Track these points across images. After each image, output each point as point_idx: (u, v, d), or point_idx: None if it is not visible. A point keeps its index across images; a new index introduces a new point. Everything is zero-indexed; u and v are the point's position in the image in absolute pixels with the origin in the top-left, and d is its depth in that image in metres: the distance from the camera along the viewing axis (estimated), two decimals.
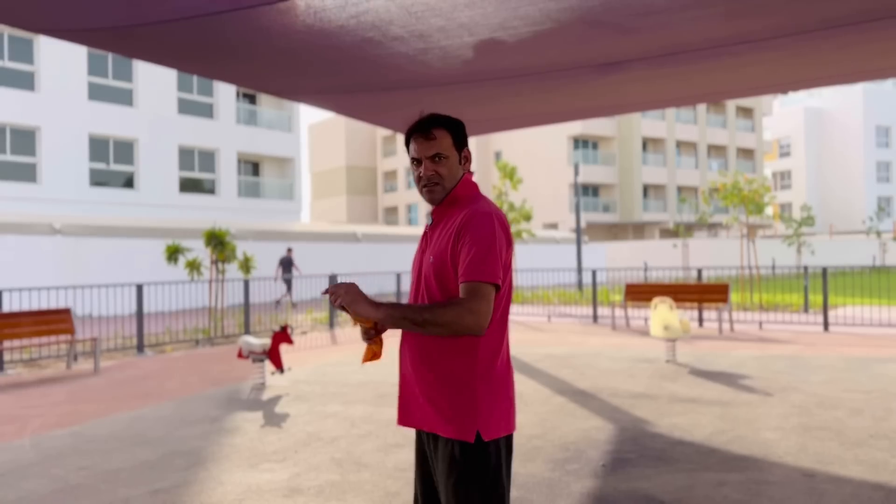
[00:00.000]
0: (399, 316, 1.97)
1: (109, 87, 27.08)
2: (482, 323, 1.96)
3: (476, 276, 1.98)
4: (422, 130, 2.18)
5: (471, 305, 1.95)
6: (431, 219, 2.25)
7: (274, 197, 33.41)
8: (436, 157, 2.16)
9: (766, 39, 6.31)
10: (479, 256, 1.99)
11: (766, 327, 12.62)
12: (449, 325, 1.96)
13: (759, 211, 18.16)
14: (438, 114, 2.23)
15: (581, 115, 10.29)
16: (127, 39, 6.21)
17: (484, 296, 1.97)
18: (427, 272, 2.14)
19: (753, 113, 55.56)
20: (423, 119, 2.21)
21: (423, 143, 2.17)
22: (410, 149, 2.22)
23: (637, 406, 6.40)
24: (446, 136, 2.18)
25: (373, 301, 1.99)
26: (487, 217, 2.05)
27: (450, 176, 2.18)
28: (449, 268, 2.06)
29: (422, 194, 2.21)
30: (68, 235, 18.40)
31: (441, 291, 2.08)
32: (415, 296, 2.20)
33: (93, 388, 8.07)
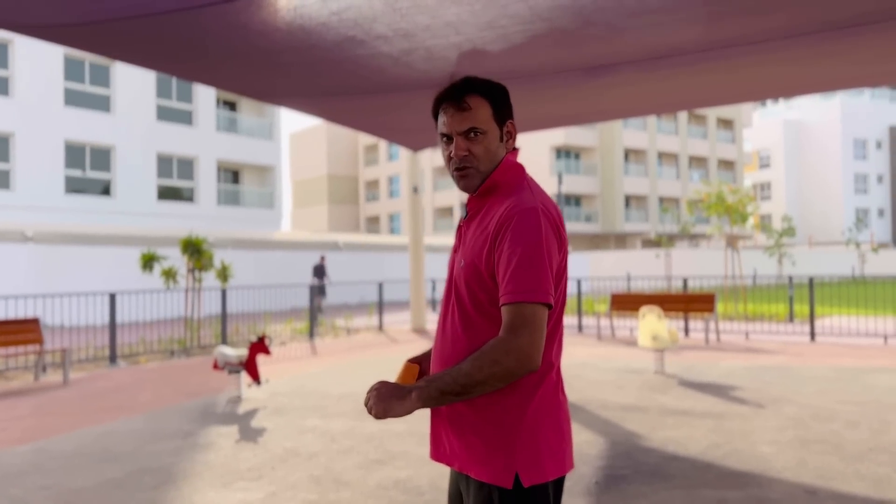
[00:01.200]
0: (436, 396, 1.59)
1: (86, 93, 26.63)
2: (533, 359, 1.58)
3: (520, 295, 1.58)
4: (453, 98, 1.76)
5: (512, 343, 1.57)
6: (466, 211, 1.84)
7: (254, 205, 33.03)
8: (470, 133, 1.74)
9: (758, 42, 6.17)
10: (522, 268, 1.59)
11: (752, 337, 12.49)
12: (493, 380, 1.58)
13: (744, 221, 18.13)
14: (476, 77, 1.79)
15: (570, 121, 10.13)
16: (96, 36, 5.94)
17: (530, 322, 1.57)
18: (458, 279, 1.75)
19: (734, 124, 56.00)
20: (456, 84, 1.78)
21: (454, 114, 1.75)
22: (439, 122, 1.80)
23: (628, 419, 6.19)
24: (484, 106, 1.75)
25: (402, 393, 1.62)
26: (532, 214, 1.64)
27: (487, 156, 1.76)
28: (485, 277, 1.67)
29: (453, 178, 1.81)
30: (41, 243, 17.95)
31: (474, 307, 1.70)
32: (445, 308, 1.80)
33: (61, 400, 7.73)
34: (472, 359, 1.60)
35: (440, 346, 1.79)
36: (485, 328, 1.69)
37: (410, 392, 1.61)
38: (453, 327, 1.75)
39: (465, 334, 1.72)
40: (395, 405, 1.61)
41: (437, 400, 1.60)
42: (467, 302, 1.72)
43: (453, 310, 1.76)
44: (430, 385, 1.60)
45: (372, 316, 18.29)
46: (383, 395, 1.63)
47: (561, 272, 1.72)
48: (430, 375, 1.65)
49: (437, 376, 1.62)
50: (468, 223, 1.82)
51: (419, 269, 14.85)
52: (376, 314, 16.68)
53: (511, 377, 1.59)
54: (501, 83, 1.83)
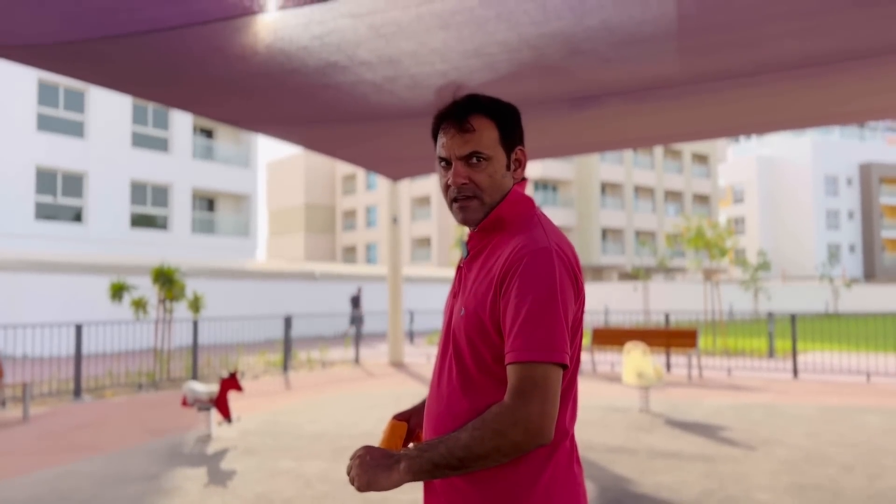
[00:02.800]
0: (428, 469, 1.35)
1: (59, 119, 26.18)
2: (544, 431, 1.33)
3: (531, 354, 1.34)
4: (455, 118, 1.53)
5: (519, 412, 1.32)
6: (466, 249, 1.58)
7: (229, 234, 32.58)
8: (472, 158, 1.51)
9: (750, 75, 6.08)
10: (533, 321, 1.35)
11: (734, 373, 12.34)
12: (496, 454, 1.34)
13: (723, 255, 18.15)
14: (482, 95, 1.57)
15: (551, 153, 10.02)
16: (68, 57, 5.69)
17: (542, 387, 1.33)
18: (457, 331, 1.49)
19: (708, 160, 56.72)
20: (460, 101, 1.55)
21: (455, 135, 1.52)
22: (438, 144, 1.56)
23: (616, 462, 5.94)
24: (490, 129, 1.52)
25: (389, 462, 1.38)
26: (544, 255, 1.41)
27: (491, 186, 1.52)
28: (489, 331, 1.43)
29: (451, 210, 1.57)
30: (5, 271, 17.41)
31: (476, 364, 1.45)
32: (441, 362, 1.54)
33: (19, 438, 7.31)
34: (472, 428, 1.35)
35: (435, 406, 1.53)
36: (488, 389, 1.43)
37: (399, 462, 1.37)
38: (451, 386, 1.49)
39: (464, 396, 1.46)
40: (380, 477, 1.37)
41: (430, 473, 1.36)
42: (468, 358, 1.47)
43: (451, 365, 1.50)
44: (422, 455, 1.36)
45: (348, 348, 17.92)
46: (367, 464, 1.38)
47: (577, 324, 1.47)
48: (422, 443, 1.40)
49: (430, 444, 1.37)
50: (469, 264, 1.57)
51: (397, 301, 14.57)
52: (353, 346, 16.31)
53: (517, 452, 1.35)
54: (512, 104, 1.62)
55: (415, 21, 4.73)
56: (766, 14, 4.96)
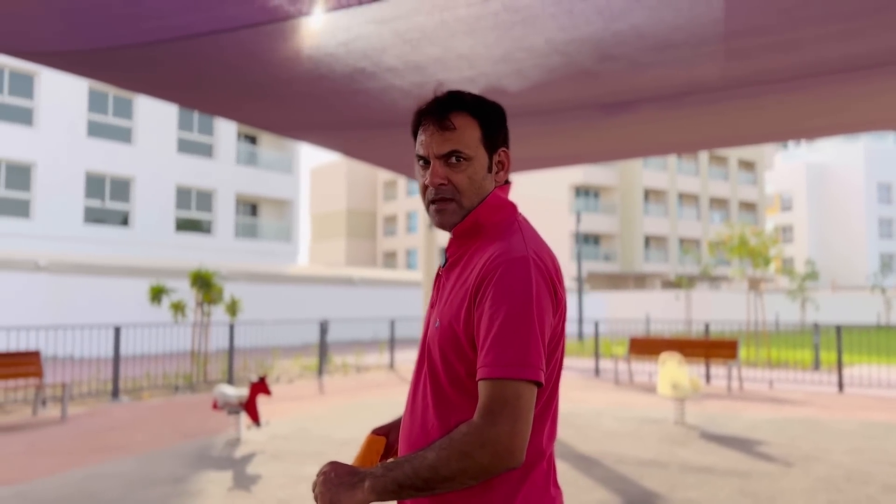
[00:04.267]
0: (392, 489, 1.27)
1: (109, 125, 26.86)
2: (514, 453, 1.25)
3: (502, 370, 1.26)
4: (434, 115, 1.45)
5: (487, 433, 1.24)
6: (445, 257, 1.51)
7: (271, 239, 32.99)
8: (452, 158, 1.43)
9: (787, 80, 5.89)
10: (506, 335, 1.27)
11: (776, 386, 12.00)
12: (463, 476, 1.26)
13: (767, 264, 17.69)
14: (465, 92, 1.49)
15: (587, 159, 9.87)
16: (104, 64, 5.79)
17: (512, 406, 1.25)
18: (432, 342, 1.41)
19: (755, 166, 55.59)
20: (441, 98, 1.47)
21: (434, 133, 1.43)
22: (416, 142, 1.48)
23: (646, 476, 5.80)
24: (472, 127, 1.44)
25: (353, 480, 1.30)
26: (521, 265, 1.32)
27: (471, 188, 1.44)
28: (463, 344, 1.35)
29: (427, 212, 1.49)
30: (54, 273, 17.87)
31: (449, 380, 1.37)
32: (417, 377, 1.47)
33: (55, 438, 7.46)
34: (439, 447, 1.28)
35: (409, 423, 1.46)
36: (462, 406, 1.36)
37: (364, 480, 1.29)
38: (424, 403, 1.42)
39: (437, 414, 1.39)
40: (343, 496, 1.29)
41: (395, 493, 1.28)
42: (441, 373, 1.39)
43: (425, 380, 1.43)
44: (387, 475, 1.28)
45: (383, 353, 17.96)
46: (332, 482, 1.32)
47: (556, 339, 1.38)
48: (389, 461, 1.34)
49: (396, 463, 1.30)
50: (447, 272, 1.49)
51: None
52: (387, 351, 16.33)
53: (485, 475, 1.27)
54: (497, 103, 1.55)
55: (439, 27, 4.69)
56: (804, 16, 4.80)
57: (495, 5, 4.37)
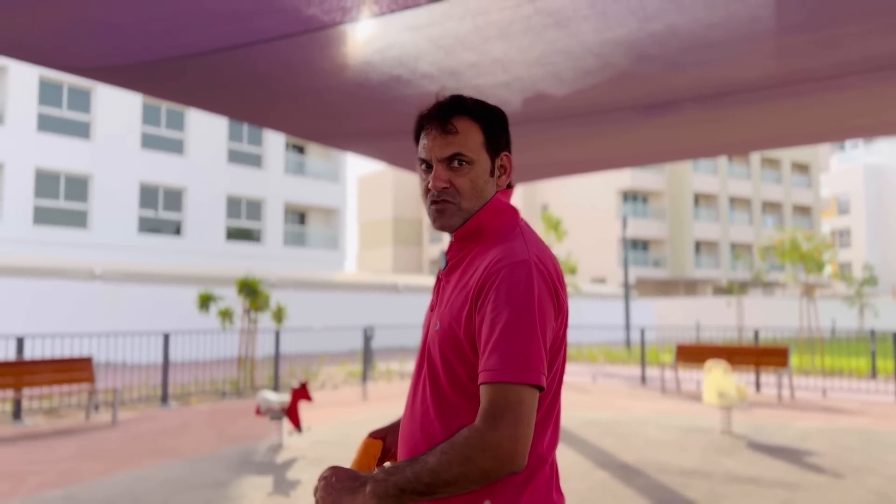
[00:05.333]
0: (394, 494, 1.26)
1: (162, 137, 27.57)
2: (516, 458, 1.24)
3: (504, 374, 1.25)
4: (437, 119, 1.47)
5: (489, 437, 1.23)
6: (445, 260, 1.51)
7: (319, 246, 33.40)
8: (454, 161, 1.44)
9: (831, 78, 5.72)
10: (508, 338, 1.27)
11: (830, 395, 11.63)
12: (464, 481, 1.25)
13: (820, 269, 17.18)
14: (468, 97, 1.51)
15: (629, 162, 9.74)
16: (146, 77, 5.94)
17: (515, 411, 1.24)
18: (432, 345, 1.42)
19: (810, 169, 54.12)
20: (443, 102, 1.49)
21: (437, 137, 1.45)
22: (419, 145, 1.50)
23: (689, 486, 5.67)
24: (474, 131, 1.46)
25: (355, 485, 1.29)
26: (522, 268, 1.33)
27: (472, 192, 1.45)
28: (464, 347, 1.35)
29: (429, 215, 1.49)
30: (108, 281, 18.39)
31: (450, 383, 1.37)
32: (416, 380, 1.47)
33: (105, 442, 7.65)
34: (440, 451, 1.27)
35: (408, 426, 1.46)
36: (463, 409, 1.36)
37: (365, 485, 1.29)
38: (424, 406, 1.42)
39: (438, 416, 1.39)
40: (344, 500, 1.29)
41: (396, 498, 1.27)
42: (441, 376, 1.39)
43: (425, 383, 1.43)
44: (388, 479, 1.28)
45: None
46: (333, 486, 1.32)
47: (558, 343, 1.38)
48: (391, 465, 1.33)
49: (398, 467, 1.30)
50: (448, 276, 1.49)
51: None
52: None
53: (486, 479, 1.26)
54: (499, 108, 1.54)
55: (472, 32, 4.69)
56: (846, 12, 4.66)
57: (527, 9, 4.35)
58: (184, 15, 4.60)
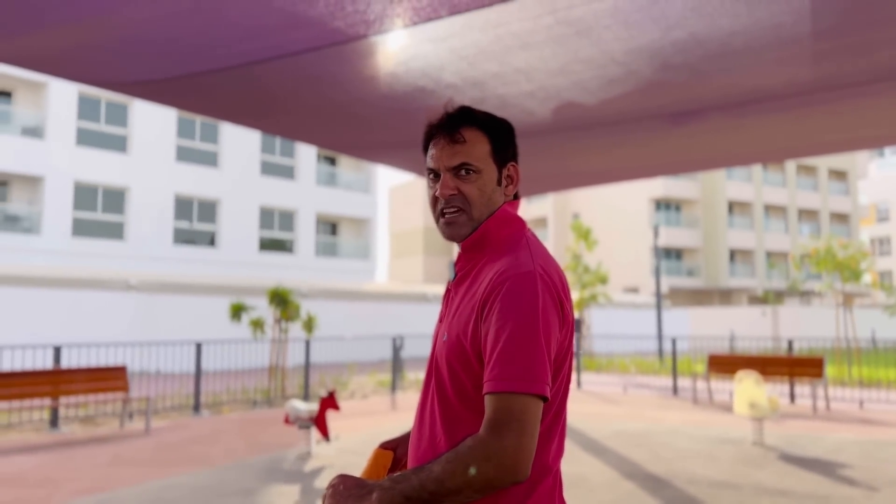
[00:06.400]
0: (399, 501, 1.27)
1: (196, 150, 28.04)
2: (519, 467, 1.26)
3: (508, 384, 1.28)
4: (445, 129, 1.50)
5: (493, 446, 1.25)
6: (454, 271, 1.55)
7: (350, 257, 33.62)
8: (462, 170, 1.46)
9: (862, 84, 5.64)
10: (512, 349, 1.29)
11: (867, 406, 11.38)
12: (468, 490, 1.26)
13: (856, 278, 16.82)
14: (475, 108, 1.54)
15: (658, 171, 9.68)
16: (178, 92, 6.07)
17: (519, 420, 1.26)
18: (440, 356, 1.45)
19: (847, 176, 53.09)
20: (451, 112, 1.52)
21: (445, 146, 1.48)
22: (427, 155, 1.53)
23: (717, 498, 5.59)
24: (482, 141, 1.48)
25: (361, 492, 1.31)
26: (528, 280, 1.34)
27: (480, 200, 1.47)
28: (470, 358, 1.37)
29: (437, 225, 1.52)
30: (143, 292, 18.73)
31: (456, 395, 1.40)
32: (425, 392, 1.50)
33: (138, 450, 7.79)
34: (445, 461, 1.28)
35: (417, 437, 1.48)
36: (470, 421, 1.38)
37: (371, 492, 1.30)
38: (432, 418, 1.44)
39: (444, 428, 1.41)
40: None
41: None
42: (448, 387, 1.42)
43: (433, 395, 1.45)
44: (395, 487, 1.29)
45: None
46: (340, 494, 1.34)
47: (563, 354, 1.40)
48: (397, 474, 1.35)
49: (404, 476, 1.32)
50: (456, 287, 1.52)
51: None
52: None
53: (490, 489, 1.27)
54: (506, 119, 1.57)
55: (494, 42, 4.72)
56: (876, 18, 4.60)
57: (548, 20, 4.38)
58: (213, 31, 4.70)
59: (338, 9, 4.19)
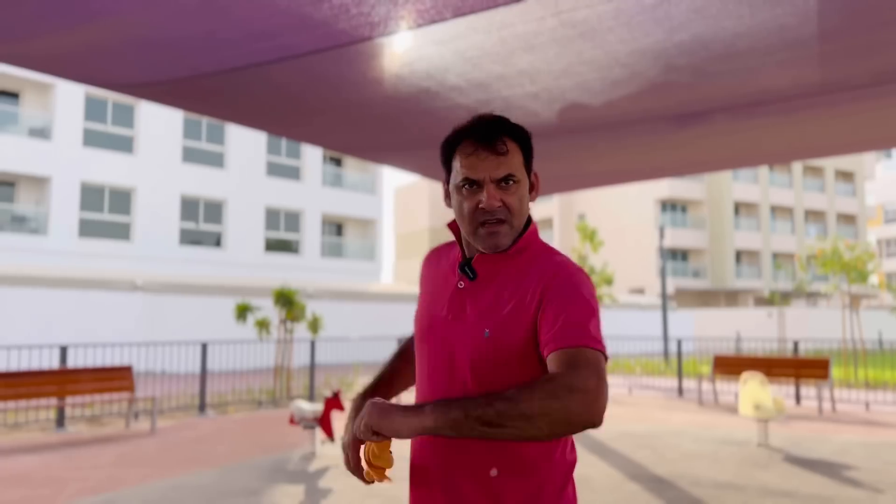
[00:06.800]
0: (456, 416, 1.23)
1: (202, 150, 28.12)
2: (598, 408, 1.24)
3: (584, 340, 1.30)
4: (486, 139, 1.49)
5: (577, 380, 1.23)
6: (472, 272, 1.52)
7: (355, 257, 33.67)
8: (506, 181, 1.48)
9: (869, 86, 5.63)
10: (582, 317, 1.35)
11: (873, 408, 11.34)
12: (544, 419, 1.22)
13: (863, 279, 16.75)
14: (502, 116, 1.55)
15: (662, 173, 9.67)
16: (183, 93, 6.10)
17: (597, 367, 1.27)
18: (477, 353, 1.44)
19: (854, 177, 52.92)
20: (490, 122, 1.53)
21: (488, 157, 1.47)
22: (459, 163, 1.51)
23: (722, 499, 5.59)
24: (517, 152, 1.52)
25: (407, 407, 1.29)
26: (582, 272, 1.46)
27: (521, 209, 1.51)
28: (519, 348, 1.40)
29: (472, 235, 1.50)
30: (148, 292, 18.79)
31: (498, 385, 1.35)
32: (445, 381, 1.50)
33: (144, 450, 7.82)
34: (521, 387, 1.25)
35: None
36: None
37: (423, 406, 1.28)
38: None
39: None
40: (396, 418, 1.28)
41: (457, 424, 1.25)
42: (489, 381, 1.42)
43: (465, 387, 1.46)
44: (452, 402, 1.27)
45: None
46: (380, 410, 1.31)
47: None
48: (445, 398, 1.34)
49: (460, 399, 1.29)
50: (477, 286, 1.52)
51: None
52: None
53: (565, 424, 1.24)
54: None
55: (498, 44, 4.73)
56: (882, 19, 4.59)
57: (551, 22, 4.38)
58: (218, 33, 4.72)
59: (342, 11, 4.21)
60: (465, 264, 1.55)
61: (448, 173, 1.56)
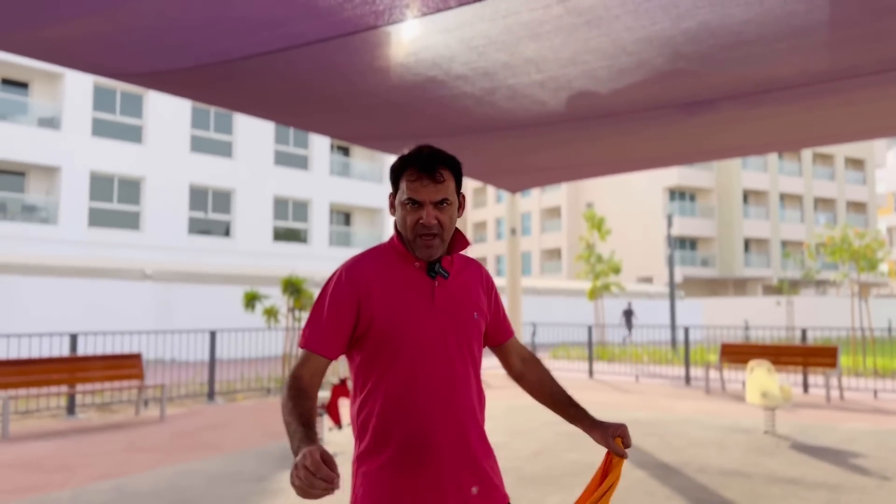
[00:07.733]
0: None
1: (211, 140, 28.16)
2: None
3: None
4: (427, 170, 1.84)
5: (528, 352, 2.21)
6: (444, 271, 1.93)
7: (363, 246, 33.69)
8: (442, 203, 1.85)
9: (878, 73, 5.60)
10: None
11: (881, 396, 11.32)
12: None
13: (872, 267, 16.67)
14: (439, 149, 1.91)
15: (670, 161, 9.64)
16: (191, 83, 6.12)
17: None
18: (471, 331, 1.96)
19: (865, 164, 52.54)
20: (430, 154, 1.87)
21: (428, 184, 1.84)
22: (405, 186, 1.86)
23: (728, 486, 5.61)
24: (451, 179, 1.88)
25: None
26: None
27: (451, 226, 1.91)
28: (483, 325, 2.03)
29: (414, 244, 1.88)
30: (158, 281, 18.89)
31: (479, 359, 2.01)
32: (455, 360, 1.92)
33: (153, 436, 7.90)
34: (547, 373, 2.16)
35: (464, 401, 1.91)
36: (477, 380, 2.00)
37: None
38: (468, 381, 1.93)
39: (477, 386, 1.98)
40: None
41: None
42: (478, 357, 1.98)
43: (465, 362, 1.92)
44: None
45: None
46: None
47: None
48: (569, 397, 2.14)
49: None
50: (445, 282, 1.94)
51: (517, 313, 14.49)
52: None
53: None
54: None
55: (504, 33, 4.73)
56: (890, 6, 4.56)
57: (557, 9, 4.37)
58: (225, 22, 4.74)
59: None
60: (436, 266, 1.91)
61: (395, 190, 1.90)
